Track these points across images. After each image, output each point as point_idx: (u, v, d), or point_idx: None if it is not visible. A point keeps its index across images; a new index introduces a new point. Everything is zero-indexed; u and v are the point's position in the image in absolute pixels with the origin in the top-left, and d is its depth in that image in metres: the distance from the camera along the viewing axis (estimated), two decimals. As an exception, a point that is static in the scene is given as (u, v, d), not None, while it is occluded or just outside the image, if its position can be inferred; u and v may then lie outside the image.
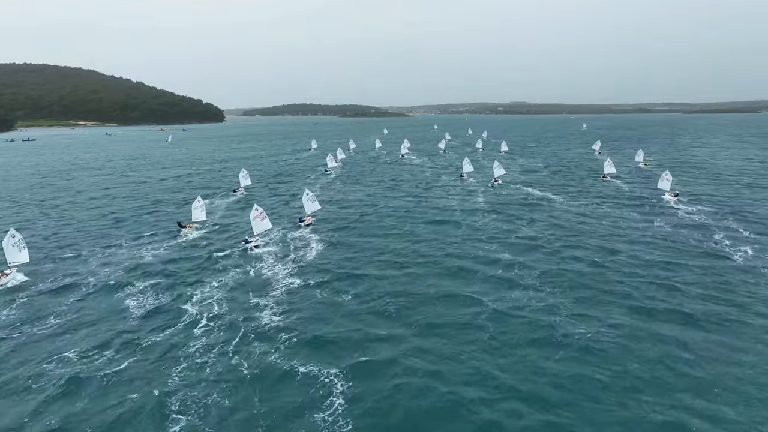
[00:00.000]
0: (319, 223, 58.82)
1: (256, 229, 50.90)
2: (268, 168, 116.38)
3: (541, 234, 51.97)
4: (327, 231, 54.77)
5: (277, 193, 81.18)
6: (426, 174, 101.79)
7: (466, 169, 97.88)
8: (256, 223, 51.08)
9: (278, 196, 78.22)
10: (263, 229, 51.43)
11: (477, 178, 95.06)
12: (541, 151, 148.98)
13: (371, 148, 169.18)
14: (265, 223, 51.58)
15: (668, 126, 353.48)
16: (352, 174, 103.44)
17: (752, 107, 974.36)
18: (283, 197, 77.19)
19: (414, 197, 76.06)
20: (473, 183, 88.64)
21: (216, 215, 64.31)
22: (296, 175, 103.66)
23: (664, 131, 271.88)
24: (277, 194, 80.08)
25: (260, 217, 51.44)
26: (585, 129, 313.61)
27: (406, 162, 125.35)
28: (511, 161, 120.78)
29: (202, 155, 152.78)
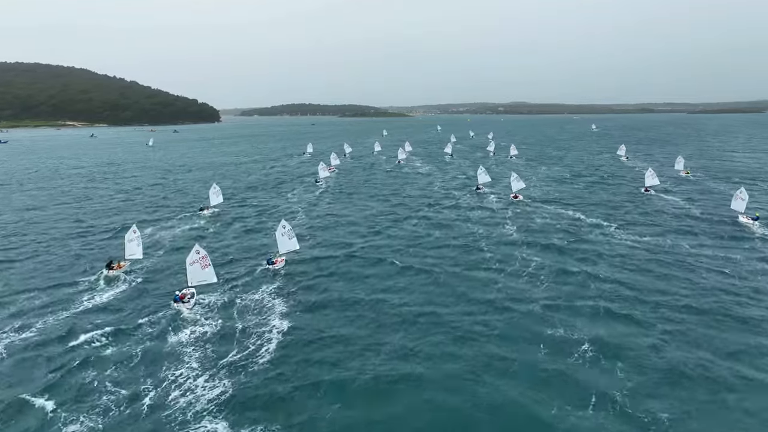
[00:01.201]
0: (293, 266, 43.19)
1: (192, 277, 35.44)
2: (251, 177, 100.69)
3: (616, 292, 36.19)
4: (299, 286, 38.88)
5: (250, 215, 65.29)
6: (434, 186, 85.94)
7: (482, 180, 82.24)
8: (193, 270, 35.66)
9: (250, 221, 62.29)
10: (202, 281, 35.82)
11: (495, 190, 79.46)
12: (563, 157, 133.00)
13: (369, 152, 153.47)
14: (206, 273, 35.94)
15: (682, 126, 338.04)
16: (345, 187, 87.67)
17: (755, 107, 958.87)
18: (255, 223, 61.24)
19: (420, 219, 60.41)
20: (493, 200, 72.79)
21: (162, 248, 48.60)
22: (282, 187, 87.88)
23: (684, 132, 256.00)
24: (250, 218, 64.12)
25: (201, 263, 35.87)
26: (595, 130, 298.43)
27: (410, 170, 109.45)
28: (531, 169, 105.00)
29: (182, 161, 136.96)
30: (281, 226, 44.93)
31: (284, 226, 44.99)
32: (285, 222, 45.39)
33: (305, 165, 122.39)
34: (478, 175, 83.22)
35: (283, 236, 44.72)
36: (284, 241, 44.69)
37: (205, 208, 67.75)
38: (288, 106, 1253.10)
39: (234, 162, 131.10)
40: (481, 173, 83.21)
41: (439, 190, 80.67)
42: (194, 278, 35.94)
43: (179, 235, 54.00)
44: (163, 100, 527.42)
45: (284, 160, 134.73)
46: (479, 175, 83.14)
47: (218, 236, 53.43)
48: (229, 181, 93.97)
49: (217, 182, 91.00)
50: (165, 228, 57.24)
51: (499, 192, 78.55)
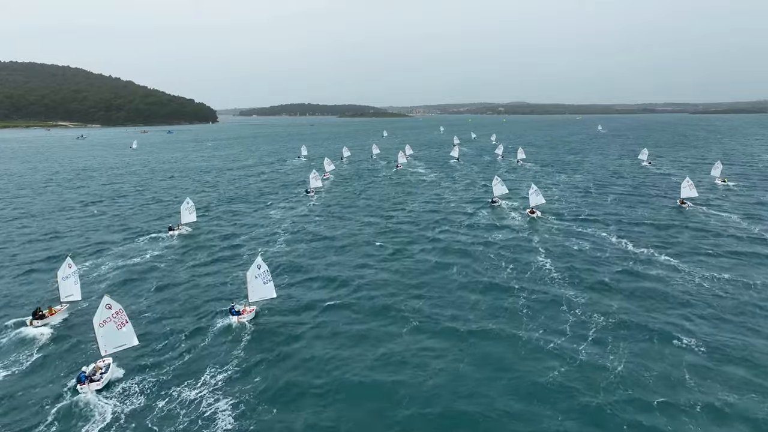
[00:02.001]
0: (264, 320, 32.55)
1: (106, 343, 25.32)
2: (236, 186, 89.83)
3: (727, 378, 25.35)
4: (268, 356, 28.12)
5: (223, 238, 54.45)
6: (443, 198, 75.06)
7: (498, 192, 71.53)
8: (106, 333, 25.25)
9: (221, 247, 51.43)
10: (119, 346, 25.44)
11: (513, 203, 68.73)
12: (580, 162, 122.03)
13: (368, 156, 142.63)
14: (123, 335, 25.51)
15: (692, 127, 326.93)
16: (339, 198, 76.85)
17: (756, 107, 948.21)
18: (226, 250, 50.39)
19: (430, 243, 49.68)
20: (515, 218, 61.89)
21: (111, 284, 37.73)
22: (268, 199, 77.04)
23: (700, 134, 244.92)
24: (222, 242, 53.29)
25: (116, 321, 25.51)
26: (602, 131, 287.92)
27: (413, 178, 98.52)
28: (549, 177, 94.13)
29: (165, 166, 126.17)
30: (255, 265, 34.21)
31: (259, 266, 34.27)
32: (261, 261, 34.55)
33: (297, 171, 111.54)
34: (494, 187, 72.57)
35: (256, 278, 34.07)
36: (257, 285, 34.01)
37: (174, 227, 57.26)
38: (287, 107, 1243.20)
39: (221, 167, 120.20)
40: (497, 184, 72.49)
41: (450, 204, 69.79)
42: (109, 344, 25.30)
43: (135, 266, 43.23)
44: (158, 100, 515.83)
45: (276, 165, 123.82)
46: (495, 186, 72.47)
47: (176, 268, 42.66)
48: (211, 191, 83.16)
49: (198, 193, 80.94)
50: (120, 255, 46.45)
51: (517, 206, 67.93)
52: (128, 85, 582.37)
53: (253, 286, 34.11)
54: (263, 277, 34.40)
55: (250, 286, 34.05)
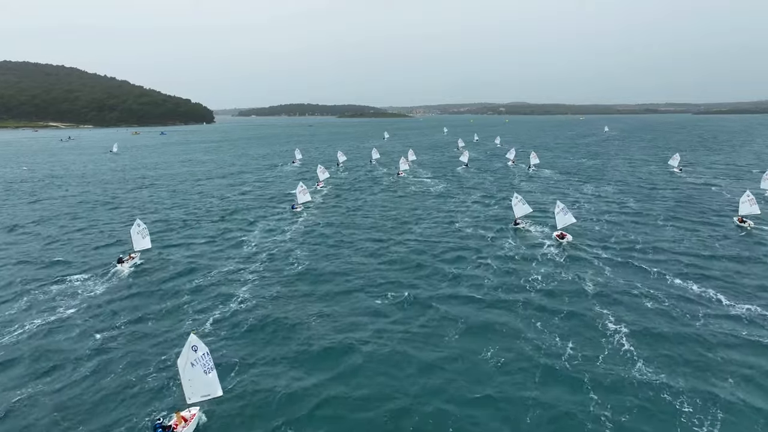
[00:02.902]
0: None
1: None
2: (212, 198, 77.66)
3: None
4: None
5: (175, 275, 42.29)
6: (456, 218, 62.73)
7: (520, 213, 59.40)
8: None
9: (165, 292, 39.21)
10: None
11: (537, 223, 56.58)
12: (601, 169, 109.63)
13: (366, 161, 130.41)
14: None
15: (705, 128, 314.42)
16: (330, 217, 64.58)
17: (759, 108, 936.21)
18: (168, 300, 38.22)
19: (447, 284, 37.53)
20: (547, 246, 49.50)
21: None
22: (247, 214, 64.86)
23: (715, 135, 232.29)
24: (168, 286, 41.11)
25: None
26: (610, 132, 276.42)
27: (418, 188, 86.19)
28: (573, 188, 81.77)
29: (142, 172, 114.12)
30: (189, 347, 22.25)
31: (195, 348, 22.31)
32: (197, 340, 22.45)
33: (288, 179, 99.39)
34: (514, 206, 60.31)
35: (193, 367, 22.23)
36: (196, 379, 22.18)
37: (125, 257, 45.58)
38: (286, 107, 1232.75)
39: (202, 175, 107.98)
40: (518, 203, 60.23)
41: (465, 226, 57.44)
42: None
43: (44, 328, 31.06)
44: (152, 100, 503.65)
45: (265, 172, 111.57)
46: (515, 205, 60.21)
47: (84, 344, 30.44)
48: (179, 207, 70.88)
49: (169, 208, 68.69)
50: (35, 307, 34.30)
51: (542, 227, 56.14)
52: (123, 84, 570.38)
53: (190, 380, 22.12)
54: (203, 363, 22.32)
55: (185, 381, 22.07)
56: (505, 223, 58.65)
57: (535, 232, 55.26)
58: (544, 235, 53.29)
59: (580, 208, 65.62)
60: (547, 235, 53.39)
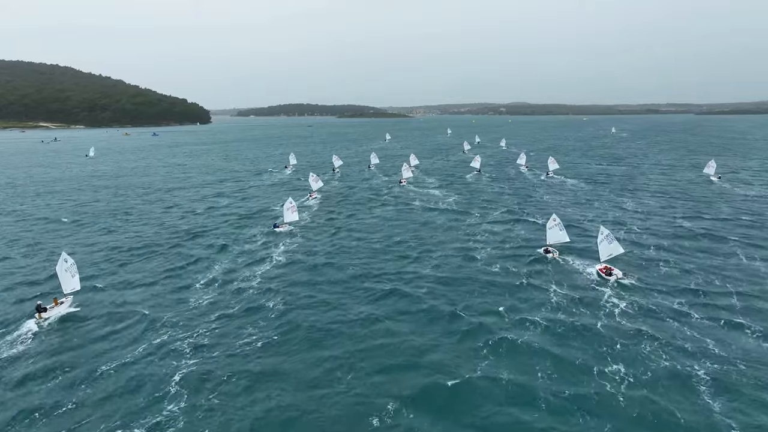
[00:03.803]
0: None
1: None
2: (184, 210, 65.59)
3: None
4: None
5: (103, 336, 30.26)
6: (474, 245, 50.56)
7: (554, 238, 47.71)
8: None
9: (87, 367, 27.11)
10: None
11: (574, 256, 44.50)
12: (632, 177, 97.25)
13: (365, 166, 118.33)
14: None
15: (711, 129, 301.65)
16: (320, 242, 52.37)
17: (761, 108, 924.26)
18: (99, 384, 26.06)
19: (486, 351, 25.37)
20: (598, 290, 37.20)
21: None
22: (219, 237, 52.78)
23: (729, 136, 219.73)
24: (99, 344, 29.09)
25: None
26: (619, 133, 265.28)
27: (424, 200, 73.97)
28: (610, 204, 69.45)
29: (113, 181, 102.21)
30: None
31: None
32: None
33: (274, 190, 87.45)
34: (549, 229, 48.47)
35: None
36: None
37: (46, 306, 34.12)
38: (285, 107, 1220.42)
39: (176, 183, 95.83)
40: (554, 227, 48.34)
41: (485, 258, 45.26)
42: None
43: None
44: (146, 100, 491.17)
45: (249, 180, 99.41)
46: (550, 229, 48.34)
47: None
48: (130, 228, 58.67)
49: (124, 232, 56.18)
50: None
51: (580, 258, 44.44)
52: (117, 84, 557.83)
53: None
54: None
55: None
56: (533, 249, 46.90)
57: (573, 264, 43.51)
58: (585, 269, 41.78)
59: (623, 228, 53.56)
60: (587, 267, 41.93)
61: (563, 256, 46.17)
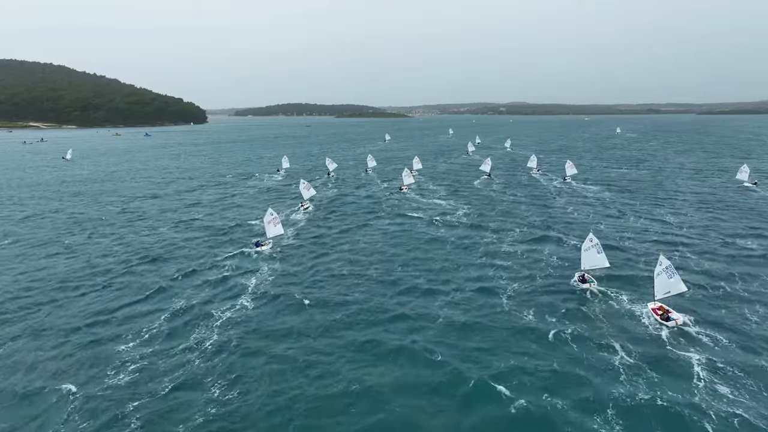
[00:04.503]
0: None
1: None
2: (145, 226, 56.13)
3: None
4: None
5: None
6: (491, 272, 41.07)
7: (591, 262, 38.81)
8: None
9: None
10: None
11: (618, 289, 35.01)
12: (659, 184, 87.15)
13: (362, 169, 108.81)
14: None
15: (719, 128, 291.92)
16: (309, 265, 42.86)
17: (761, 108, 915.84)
18: None
19: None
20: (667, 350, 27.63)
21: None
22: (189, 260, 43.33)
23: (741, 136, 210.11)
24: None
25: None
26: (624, 134, 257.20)
27: (430, 214, 64.42)
28: (631, 210, 59.96)
29: (76, 187, 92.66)
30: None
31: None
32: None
33: (260, 199, 78.02)
34: (584, 251, 39.30)
35: None
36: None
37: None
38: (283, 106, 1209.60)
39: (146, 192, 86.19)
40: (591, 249, 39.19)
41: (513, 298, 35.77)
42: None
43: None
44: (140, 99, 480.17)
45: (233, 187, 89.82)
46: (586, 251, 39.17)
47: None
48: (87, 241, 49.17)
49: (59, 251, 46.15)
50: None
51: (625, 291, 35.39)
52: (112, 83, 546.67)
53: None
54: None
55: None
56: (566, 277, 37.81)
57: (618, 299, 34.49)
58: (634, 308, 33.10)
59: (672, 249, 44.05)
60: (635, 304, 33.08)
61: (602, 285, 37.10)
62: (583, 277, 38.99)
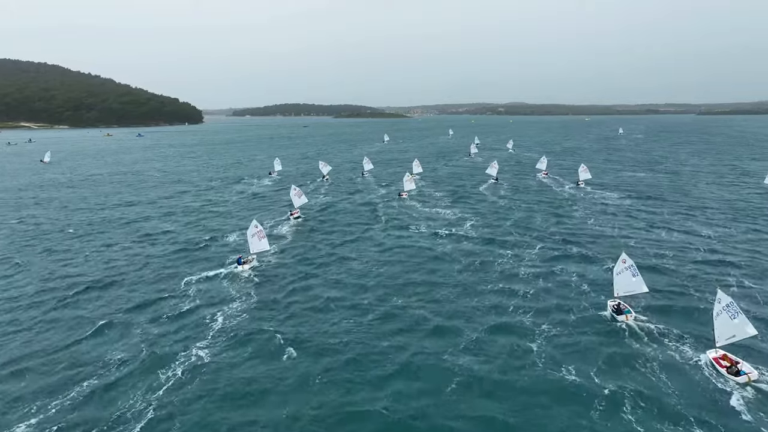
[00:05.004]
0: None
1: None
2: (103, 241, 49.15)
3: None
4: None
5: None
6: (507, 300, 34.10)
7: (626, 287, 32.76)
8: None
9: None
10: None
11: (672, 328, 28.02)
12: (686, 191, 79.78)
13: (357, 174, 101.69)
14: None
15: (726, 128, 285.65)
16: (297, 287, 35.85)
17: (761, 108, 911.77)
18: None
19: None
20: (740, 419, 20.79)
21: None
22: (133, 293, 36.29)
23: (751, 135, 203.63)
24: None
25: None
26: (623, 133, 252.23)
27: (433, 225, 57.45)
28: (660, 222, 52.99)
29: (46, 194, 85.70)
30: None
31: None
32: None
33: (247, 206, 71.06)
34: (617, 275, 33.60)
35: None
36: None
37: None
38: (281, 106, 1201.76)
39: (125, 199, 79.16)
40: (624, 272, 33.40)
41: (540, 330, 28.92)
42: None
43: None
44: (134, 99, 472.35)
45: (218, 192, 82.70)
46: (619, 274, 33.42)
47: None
48: (31, 262, 42.06)
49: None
50: None
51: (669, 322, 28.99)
52: (106, 83, 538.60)
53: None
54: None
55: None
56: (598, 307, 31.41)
57: (669, 341, 28.26)
58: (686, 353, 26.34)
59: (716, 273, 37.14)
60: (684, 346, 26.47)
61: (642, 317, 30.52)
62: (618, 307, 32.33)
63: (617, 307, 32.57)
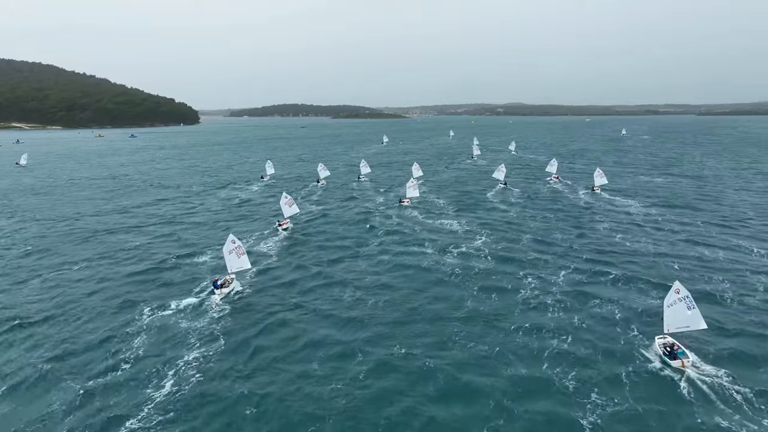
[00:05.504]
0: None
1: None
2: (47, 266, 42.34)
3: None
4: None
5: None
6: (535, 342, 27.27)
7: (677, 322, 26.72)
8: None
9: None
10: None
11: (726, 360, 21.24)
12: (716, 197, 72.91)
13: (353, 178, 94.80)
14: None
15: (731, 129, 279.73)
16: (281, 318, 28.95)
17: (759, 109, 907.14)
18: None
19: None
20: None
21: None
22: (77, 338, 29.48)
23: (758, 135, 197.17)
24: None
25: None
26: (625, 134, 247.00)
27: (434, 245, 50.72)
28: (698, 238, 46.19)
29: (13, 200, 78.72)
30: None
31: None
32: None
33: (231, 217, 64.25)
34: (667, 307, 27.36)
35: None
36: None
37: None
38: (279, 107, 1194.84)
39: (93, 208, 72.26)
40: (677, 304, 26.87)
41: (574, 387, 22.16)
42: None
43: None
44: (129, 99, 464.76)
45: (205, 199, 75.83)
46: (669, 306, 27.41)
47: None
48: None
49: None
50: None
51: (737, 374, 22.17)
52: (101, 83, 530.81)
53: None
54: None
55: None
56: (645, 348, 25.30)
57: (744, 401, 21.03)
58: None
59: None
60: None
61: (703, 365, 23.92)
62: (671, 350, 25.67)
63: (670, 349, 25.98)
